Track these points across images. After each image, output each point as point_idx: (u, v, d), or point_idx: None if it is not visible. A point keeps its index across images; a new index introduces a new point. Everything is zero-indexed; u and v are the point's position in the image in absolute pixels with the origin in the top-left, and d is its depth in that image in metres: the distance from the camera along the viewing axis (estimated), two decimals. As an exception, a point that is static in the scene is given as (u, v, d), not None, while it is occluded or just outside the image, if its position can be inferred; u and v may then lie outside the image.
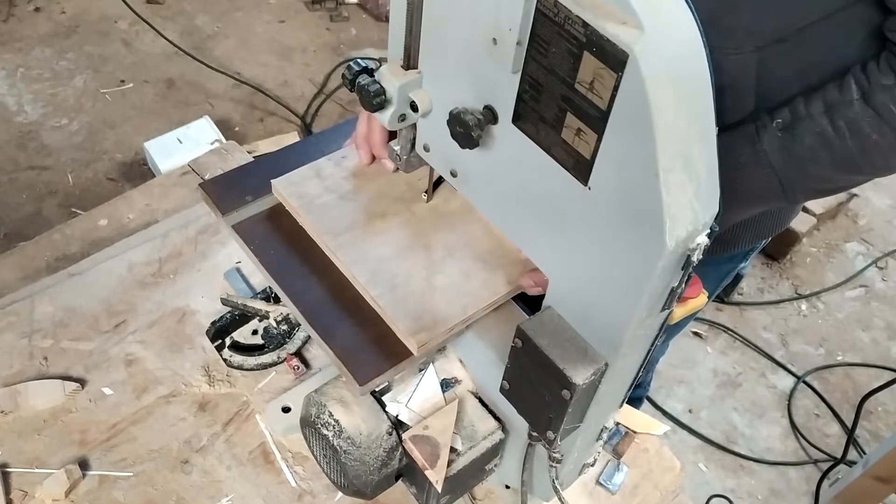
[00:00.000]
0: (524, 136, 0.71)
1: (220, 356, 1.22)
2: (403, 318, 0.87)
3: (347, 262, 0.92)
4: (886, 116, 0.88)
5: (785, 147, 0.93)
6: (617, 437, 1.19)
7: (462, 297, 0.90)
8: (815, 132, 0.91)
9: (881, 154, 0.90)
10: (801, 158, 0.92)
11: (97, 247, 1.37)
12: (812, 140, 0.91)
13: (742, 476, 2.34)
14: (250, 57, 3.31)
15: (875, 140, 0.89)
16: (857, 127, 0.89)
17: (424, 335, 0.86)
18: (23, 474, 1.08)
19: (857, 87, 0.90)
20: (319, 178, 1.01)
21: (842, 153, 0.90)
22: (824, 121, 0.90)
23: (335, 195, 0.99)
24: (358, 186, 1.00)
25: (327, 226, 0.95)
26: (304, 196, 0.98)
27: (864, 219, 3.12)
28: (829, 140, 0.90)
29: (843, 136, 0.89)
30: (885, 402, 2.52)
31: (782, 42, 0.94)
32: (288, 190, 0.98)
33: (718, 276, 1.38)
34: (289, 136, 2.87)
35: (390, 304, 0.88)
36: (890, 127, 0.88)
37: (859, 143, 0.89)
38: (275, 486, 1.11)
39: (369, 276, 0.90)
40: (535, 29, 0.64)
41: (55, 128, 2.92)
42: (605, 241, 0.68)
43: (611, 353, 0.75)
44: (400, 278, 0.91)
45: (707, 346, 2.64)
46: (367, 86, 0.78)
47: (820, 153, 0.91)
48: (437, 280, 0.91)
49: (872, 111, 0.88)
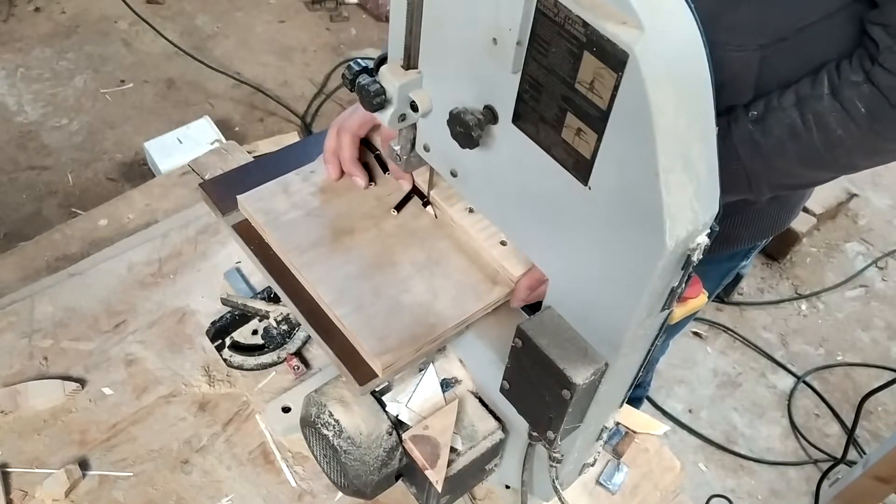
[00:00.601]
0: (524, 135, 0.71)
1: (220, 356, 1.22)
2: (368, 339, 0.84)
3: (312, 281, 0.89)
4: (852, 112, 0.88)
5: (754, 140, 0.93)
6: (617, 437, 1.19)
7: (430, 316, 0.88)
8: (785, 123, 0.92)
9: (845, 150, 0.91)
10: (768, 151, 0.93)
11: (97, 247, 1.37)
12: (780, 131, 0.92)
13: (742, 476, 2.34)
14: (250, 57, 3.31)
15: (840, 135, 0.89)
16: (824, 121, 0.89)
17: (389, 356, 0.83)
18: (23, 474, 1.08)
19: (828, 82, 0.91)
20: (286, 193, 0.98)
21: (808, 147, 0.91)
22: (794, 113, 0.91)
23: (302, 211, 0.96)
24: (326, 202, 0.98)
25: (293, 243, 0.92)
26: (270, 212, 0.95)
27: (864, 219, 3.12)
28: (797, 132, 0.91)
29: (811, 129, 0.90)
30: (885, 402, 2.52)
31: (784, 40, 0.95)
32: (254, 206, 0.96)
33: (719, 274, 1.39)
34: (289, 136, 2.88)
35: (355, 323, 0.86)
36: (855, 123, 0.88)
37: (825, 137, 0.90)
38: (275, 486, 1.11)
39: (335, 296, 0.88)
40: (536, 29, 0.64)
41: (55, 128, 2.92)
42: (605, 241, 0.68)
43: (611, 353, 0.75)
44: (366, 297, 0.88)
45: (707, 346, 2.64)
46: (367, 86, 0.78)
47: (787, 145, 0.92)
48: (404, 299, 0.89)
49: (839, 106, 0.89)
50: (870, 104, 0.87)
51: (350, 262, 0.92)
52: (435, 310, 0.89)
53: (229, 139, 2.50)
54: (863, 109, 0.87)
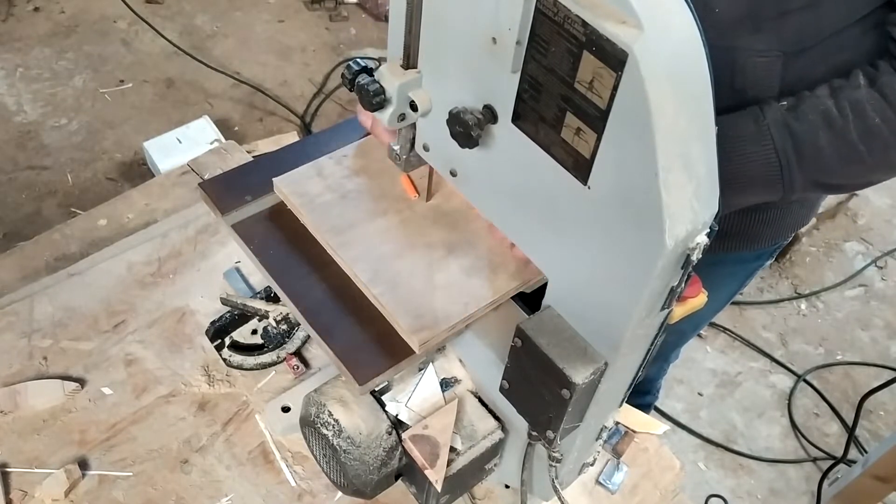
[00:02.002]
0: (524, 135, 0.71)
1: (219, 356, 1.22)
2: (405, 316, 0.87)
3: (349, 261, 0.91)
4: (890, 98, 0.87)
5: (787, 124, 0.91)
6: (616, 436, 1.20)
7: (463, 295, 0.89)
8: (819, 109, 0.90)
9: (882, 142, 0.89)
10: (801, 136, 0.91)
11: (97, 247, 1.37)
12: (815, 117, 0.90)
13: (742, 475, 2.34)
14: (250, 57, 3.30)
15: (878, 124, 0.88)
16: (860, 108, 0.88)
17: (426, 333, 0.85)
18: (22, 474, 1.08)
19: (863, 75, 0.90)
20: (321, 176, 1.00)
21: (843, 135, 0.89)
22: (829, 101, 0.90)
23: (336, 194, 0.98)
24: (359, 185, 1.00)
25: (328, 224, 0.95)
26: (305, 195, 0.98)
27: (864, 218, 3.13)
28: (832, 118, 0.89)
29: (846, 115, 0.89)
30: (885, 402, 2.53)
31: (808, 48, 0.94)
32: (289, 188, 0.98)
33: (745, 274, 1.38)
34: (288, 136, 2.87)
35: (392, 302, 0.88)
36: (894, 111, 0.87)
37: (861, 125, 0.88)
38: (274, 485, 1.11)
39: (371, 275, 0.90)
40: (535, 28, 0.64)
41: (54, 128, 2.92)
42: (605, 240, 0.68)
43: (610, 353, 0.75)
44: (401, 277, 0.90)
45: (707, 346, 2.64)
46: (366, 85, 0.78)
47: (821, 132, 0.90)
48: (438, 278, 0.91)
49: (878, 94, 0.88)
50: None
51: (385, 243, 0.93)
52: (468, 289, 0.90)
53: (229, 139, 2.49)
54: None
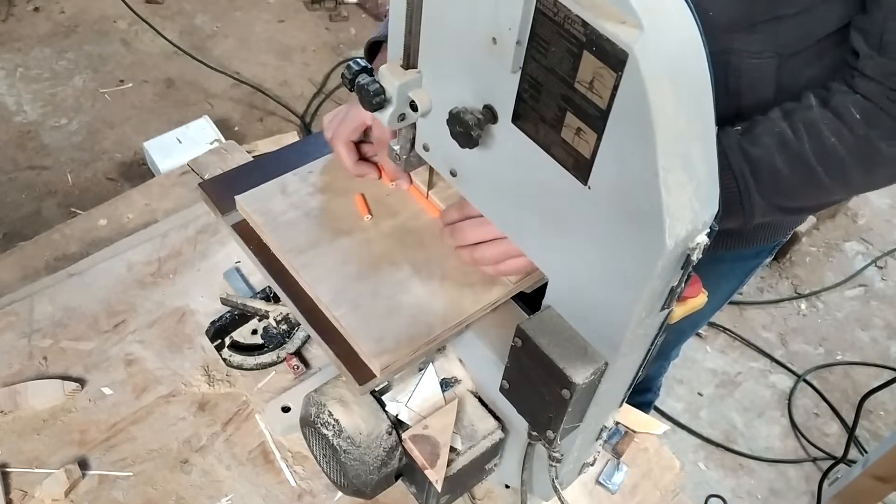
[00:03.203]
0: (524, 135, 0.71)
1: (219, 356, 1.22)
2: (366, 340, 0.84)
3: (310, 281, 0.89)
4: (846, 117, 0.86)
5: (742, 147, 0.90)
6: (616, 436, 1.20)
7: (428, 316, 0.87)
8: (774, 131, 0.89)
9: (838, 161, 0.88)
10: (757, 159, 0.90)
11: (96, 247, 1.37)
12: (769, 139, 0.89)
13: (742, 475, 2.34)
14: (250, 57, 3.30)
15: (833, 143, 0.87)
16: (815, 129, 0.87)
17: (387, 357, 0.83)
18: (22, 474, 1.08)
19: (814, 96, 0.90)
20: (285, 193, 0.98)
21: (799, 156, 0.88)
22: (783, 123, 0.89)
23: (300, 212, 0.96)
24: (324, 203, 0.98)
25: (291, 243, 0.93)
26: (268, 212, 0.96)
27: (864, 218, 3.13)
28: (787, 140, 0.88)
29: (801, 137, 0.88)
30: (885, 402, 2.53)
31: (802, 50, 0.94)
32: (252, 206, 0.96)
33: (745, 271, 1.38)
34: (288, 136, 2.87)
35: (353, 324, 0.86)
36: (849, 128, 0.86)
37: (817, 146, 0.87)
38: (274, 485, 1.11)
39: (333, 296, 0.88)
40: (535, 28, 0.64)
41: (54, 127, 2.92)
42: (605, 240, 0.68)
43: (610, 353, 0.75)
44: (364, 298, 0.88)
45: (706, 346, 2.64)
46: (366, 85, 0.78)
47: (777, 154, 0.89)
48: (402, 299, 0.89)
49: (831, 113, 0.87)
50: (864, 109, 0.86)
51: (348, 263, 0.92)
52: (433, 310, 0.88)
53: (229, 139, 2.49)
54: (858, 115, 0.86)
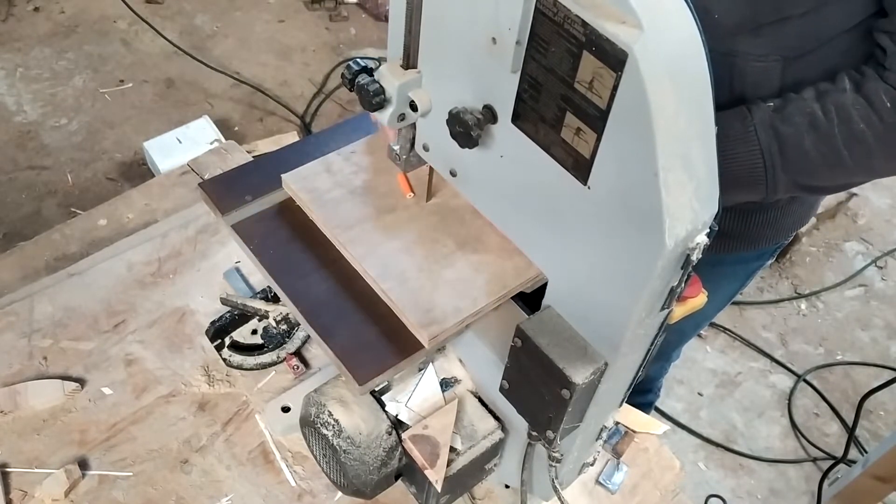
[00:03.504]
0: (524, 135, 0.71)
1: (219, 356, 1.22)
2: (414, 311, 0.87)
3: (358, 256, 0.92)
4: (877, 105, 0.88)
5: (773, 125, 0.92)
6: (616, 436, 1.19)
7: (472, 290, 0.90)
8: (805, 112, 0.91)
9: (865, 148, 0.90)
10: (786, 138, 0.92)
11: (97, 247, 1.37)
12: (801, 119, 0.91)
13: (742, 475, 2.34)
14: (250, 57, 3.30)
15: (862, 129, 0.89)
16: (846, 113, 0.89)
17: (435, 328, 0.85)
18: (22, 474, 1.08)
19: (849, 79, 0.91)
20: (329, 172, 1.01)
21: (827, 139, 0.90)
22: (815, 104, 0.91)
23: (345, 190, 0.98)
24: (368, 181, 1.00)
25: (337, 220, 0.95)
26: (313, 191, 0.98)
27: (864, 218, 3.12)
28: (817, 122, 0.90)
29: (832, 119, 0.89)
30: (885, 402, 2.52)
31: (806, 53, 0.95)
32: (298, 184, 0.98)
33: (746, 273, 1.38)
34: (288, 136, 2.87)
35: (401, 297, 0.88)
36: (878, 116, 0.88)
37: (846, 130, 0.89)
38: (274, 485, 1.11)
39: (380, 270, 0.90)
40: (535, 28, 0.64)
41: (54, 127, 2.92)
42: (605, 240, 0.68)
43: (610, 353, 0.75)
44: (410, 272, 0.91)
45: (707, 346, 2.64)
46: (366, 85, 0.78)
47: (806, 136, 0.91)
48: (446, 274, 0.91)
49: (863, 99, 0.89)
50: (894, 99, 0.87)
51: (393, 239, 0.94)
52: (477, 284, 0.90)
53: (229, 139, 2.49)
54: (889, 104, 0.87)
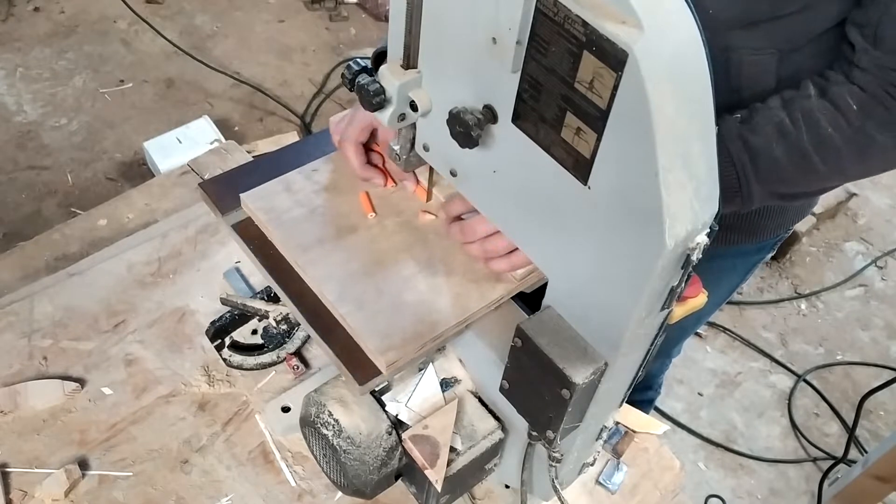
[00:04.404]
0: (524, 135, 0.71)
1: (219, 356, 1.22)
2: (372, 337, 0.85)
3: (316, 279, 0.89)
4: (843, 108, 0.88)
5: (742, 136, 0.92)
6: (616, 436, 1.20)
7: (433, 313, 0.88)
8: (773, 122, 0.91)
9: (834, 150, 0.89)
10: (757, 148, 0.91)
11: (97, 247, 1.37)
12: (769, 129, 0.91)
13: (742, 475, 2.34)
14: (250, 56, 3.31)
15: (830, 133, 0.88)
16: (813, 119, 0.89)
17: (393, 354, 0.84)
18: (22, 474, 1.08)
19: (813, 86, 0.91)
20: (289, 191, 0.98)
21: (796, 146, 0.90)
22: (782, 112, 0.91)
23: (305, 209, 0.96)
24: (328, 200, 0.98)
25: (296, 240, 0.93)
26: (272, 210, 0.96)
27: (864, 218, 3.13)
28: (786, 131, 0.90)
29: (799, 127, 0.89)
30: (885, 402, 2.52)
31: (800, 47, 0.95)
32: (256, 204, 0.96)
33: (747, 266, 1.38)
34: (288, 136, 2.87)
35: (359, 321, 0.86)
36: (846, 119, 0.88)
37: (814, 136, 0.89)
38: (274, 485, 1.11)
39: (338, 294, 0.88)
40: (535, 28, 0.64)
41: (54, 127, 2.92)
42: (605, 240, 0.68)
43: (610, 353, 0.75)
44: (369, 295, 0.88)
45: (707, 346, 2.64)
46: (366, 85, 0.78)
47: (775, 144, 0.90)
48: (407, 297, 0.89)
49: (829, 103, 0.89)
50: (861, 101, 0.87)
51: (353, 260, 0.92)
52: (438, 307, 0.89)
53: (229, 139, 2.50)
54: (854, 106, 0.87)
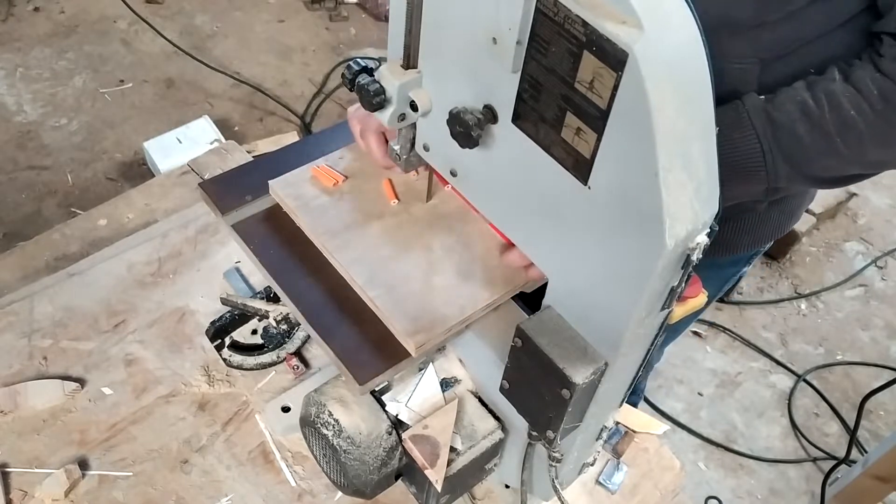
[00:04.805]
0: (524, 135, 0.71)
1: (219, 356, 1.22)
2: (401, 319, 0.86)
3: (345, 263, 0.91)
4: (865, 92, 0.88)
5: (767, 112, 0.93)
6: (616, 436, 1.20)
7: (460, 297, 0.89)
8: (797, 100, 0.91)
9: (856, 134, 0.90)
10: (780, 124, 0.92)
11: (97, 247, 1.37)
12: (792, 107, 0.91)
13: (742, 475, 2.34)
14: (250, 56, 3.30)
15: (852, 116, 0.89)
16: (836, 100, 0.90)
17: (422, 336, 0.85)
18: (22, 474, 1.08)
19: (838, 71, 0.92)
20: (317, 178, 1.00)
21: (819, 126, 0.90)
22: (805, 93, 0.91)
23: (332, 196, 0.98)
24: (355, 188, 1.00)
25: (324, 226, 0.94)
26: (300, 197, 0.97)
27: (864, 218, 3.12)
28: (809, 109, 0.91)
29: (822, 106, 0.90)
30: (885, 402, 2.52)
31: (783, 55, 0.95)
32: (285, 191, 0.98)
33: (720, 279, 1.38)
34: (288, 136, 2.87)
35: (388, 304, 0.88)
36: (868, 104, 0.88)
37: (836, 118, 0.90)
38: (274, 485, 1.11)
39: (367, 277, 0.90)
40: (535, 28, 0.64)
41: (54, 127, 2.92)
42: (605, 240, 0.68)
43: (610, 353, 0.75)
44: (398, 279, 0.90)
45: (707, 346, 2.64)
46: (366, 85, 0.78)
47: (798, 122, 0.91)
48: (434, 281, 0.91)
49: (852, 87, 0.89)
50: (882, 87, 0.88)
51: (381, 246, 0.93)
52: (464, 292, 0.90)
53: (229, 139, 2.49)
54: (875, 91, 0.88)
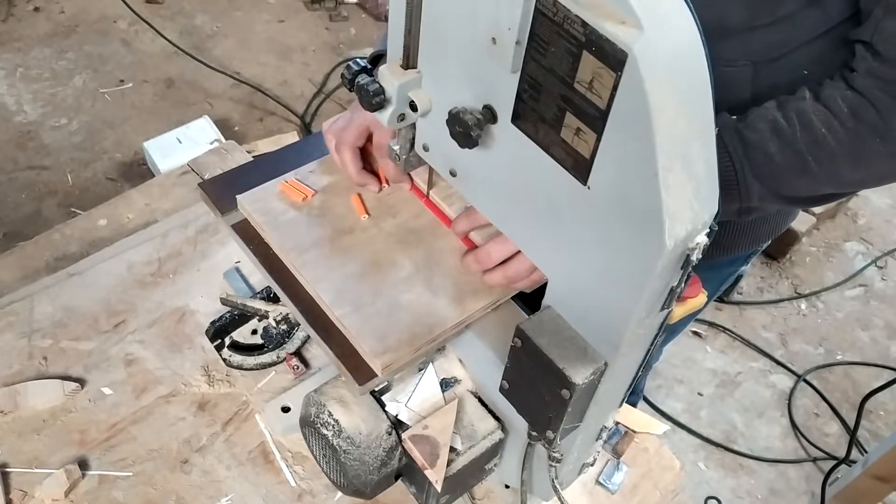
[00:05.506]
0: (523, 135, 0.71)
1: (219, 356, 1.22)
2: (368, 339, 0.84)
3: (311, 280, 0.89)
4: (835, 110, 0.88)
5: (737, 129, 0.93)
6: (616, 436, 1.20)
7: (429, 315, 0.87)
8: (768, 119, 0.92)
9: (828, 153, 0.90)
10: (752, 143, 0.92)
11: (96, 247, 1.37)
12: (763, 126, 0.92)
13: (742, 475, 2.34)
14: (250, 56, 3.31)
15: (823, 134, 0.89)
16: (806, 119, 0.90)
17: (389, 356, 0.83)
18: (22, 474, 1.08)
19: (808, 90, 0.92)
20: None
21: (791, 144, 0.90)
22: (776, 112, 0.92)
23: (301, 211, 0.96)
24: (325, 202, 0.98)
25: (292, 242, 0.92)
26: (269, 212, 0.95)
27: (864, 218, 3.13)
28: (780, 128, 0.91)
29: (794, 125, 0.90)
30: (885, 402, 2.52)
31: (775, 59, 0.96)
32: (253, 205, 0.96)
33: (718, 279, 1.38)
34: (288, 136, 2.87)
35: (355, 324, 0.86)
36: (839, 121, 0.88)
37: (807, 135, 0.90)
38: (274, 485, 1.11)
39: (334, 295, 0.88)
40: (535, 28, 0.64)
41: (54, 127, 2.92)
42: (605, 240, 0.68)
43: (610, 353, 0.75)
44: (365, 297, 0.88)
45: (707, 346, 2.64)
46: (366, 85, 0.78)
47: (770, 141, 0.91)
48: (404, 298, 0.89)
49: (822, 105, 0.89)
50: (852, 105, 0.88)
51: (349, 262, 0.92)
52: (434, 309, 0.88)
53: (229, 139, 2.49)
54: (846, 109, 0.88)
